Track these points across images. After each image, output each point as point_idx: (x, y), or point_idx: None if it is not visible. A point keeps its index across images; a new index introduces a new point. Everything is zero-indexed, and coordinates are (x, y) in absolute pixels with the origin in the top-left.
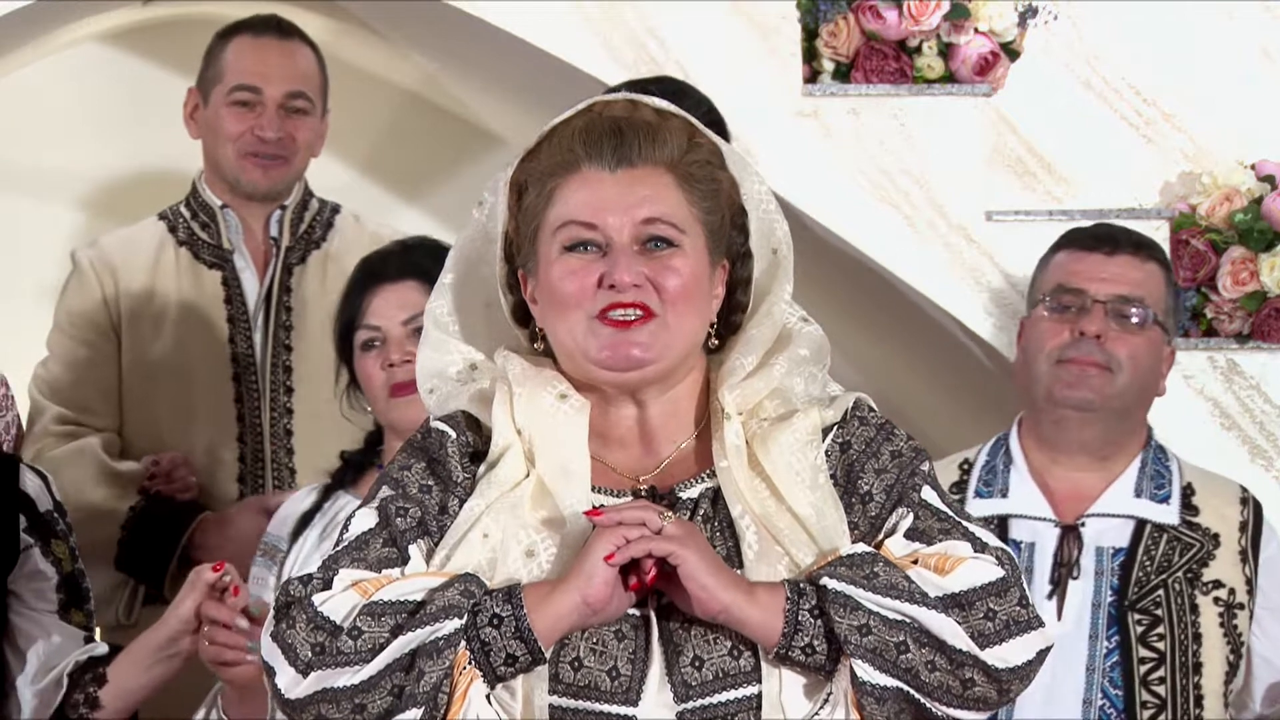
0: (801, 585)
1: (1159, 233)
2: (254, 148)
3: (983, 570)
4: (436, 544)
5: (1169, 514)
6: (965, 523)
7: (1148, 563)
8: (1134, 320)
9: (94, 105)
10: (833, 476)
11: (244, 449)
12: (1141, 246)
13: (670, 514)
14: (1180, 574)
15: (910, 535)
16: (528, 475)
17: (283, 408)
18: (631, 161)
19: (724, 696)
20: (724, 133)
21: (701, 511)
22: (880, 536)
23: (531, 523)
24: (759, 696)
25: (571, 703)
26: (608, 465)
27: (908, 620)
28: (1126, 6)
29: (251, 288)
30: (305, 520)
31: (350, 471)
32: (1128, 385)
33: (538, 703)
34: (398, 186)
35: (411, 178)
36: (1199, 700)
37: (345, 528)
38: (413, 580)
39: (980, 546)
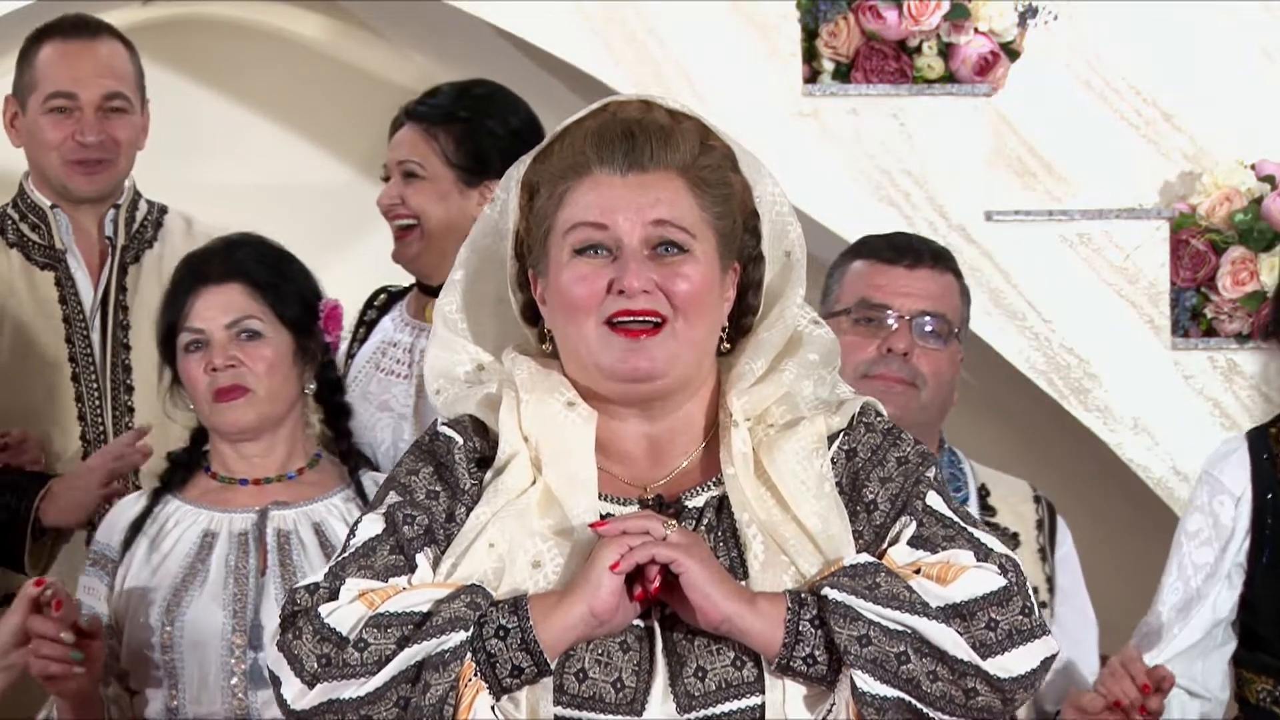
0: (803, 595)
1: (1159, 233)
2: (76, 154)
3: (984, 579)
4: (443, 552)
5: None
6: (970, 529)
7: None
8: (937, 336)
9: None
10: (838, 484)
11: (87, 449)
12: (939, 258)
13: (674, 523)
14: None
15: (914, 543)
16: (534, 483)
17: (124, 407)
18: (643, 165)
19: (727, 707)
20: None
21: (706, 520)
22: (884, 545)
23: (538, 532)
24: (762, 707)
25: (576, 714)
26: (614, 476)
27: (908, 631)
28: (1126, 6)
29: (86, 288)
30: (135, 528)
31: (178, 473)
32: (931, 400)
33: (543, 714)
34: None
35: None
36: None
37: (352, 533)
38: (419, 591)
39: (984, 554)
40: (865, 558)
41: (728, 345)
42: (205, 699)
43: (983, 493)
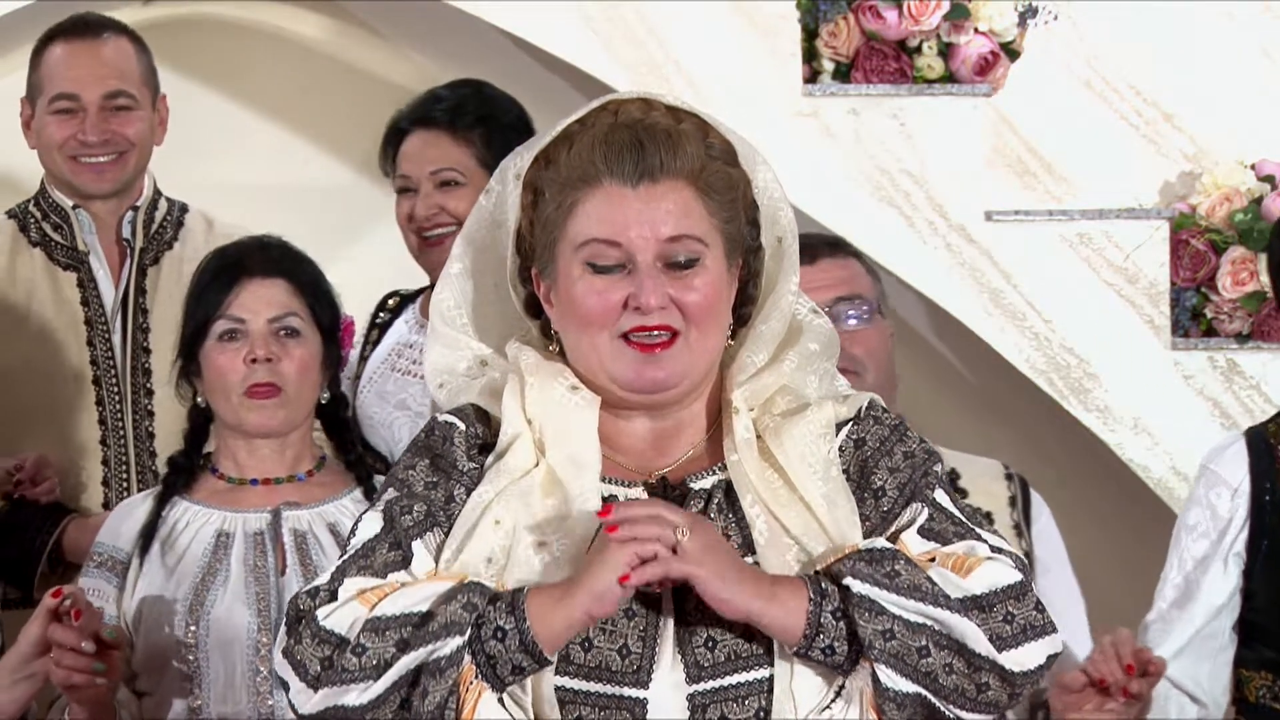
0: (824, 585)
1: (1159, 233)
2: (79, 152)
3: (1003, 572)
4: (447, 534)
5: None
6: (977, 528)
7: None
8: (858, 318)
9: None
10: (846, 471)
11: (107, 451)
12: (835, 245)
13: (685, 528)
14: None
15: (925, 534)
16: (537, 464)
17: (144, 410)
18: (653, 176)
19: (736, 679)
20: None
21: (715, 501)
22: (893, 529)
23: (542, 515)
24: (770, 679)
25: (582, 684)
26: (619, 463)
27: (930, 623)
28: (1126, 6)
29: (107, 290)
30: (148, 534)
31: (182, 476)
32: (875, 381)
33: (545, 690)
34: None
35: None
36: None
37: (353, 532)
38: (417, 589)
39: (995, 549)
40: (881, 543)
41: (730, 339)
42: (231, 698)
43: (953, 475)
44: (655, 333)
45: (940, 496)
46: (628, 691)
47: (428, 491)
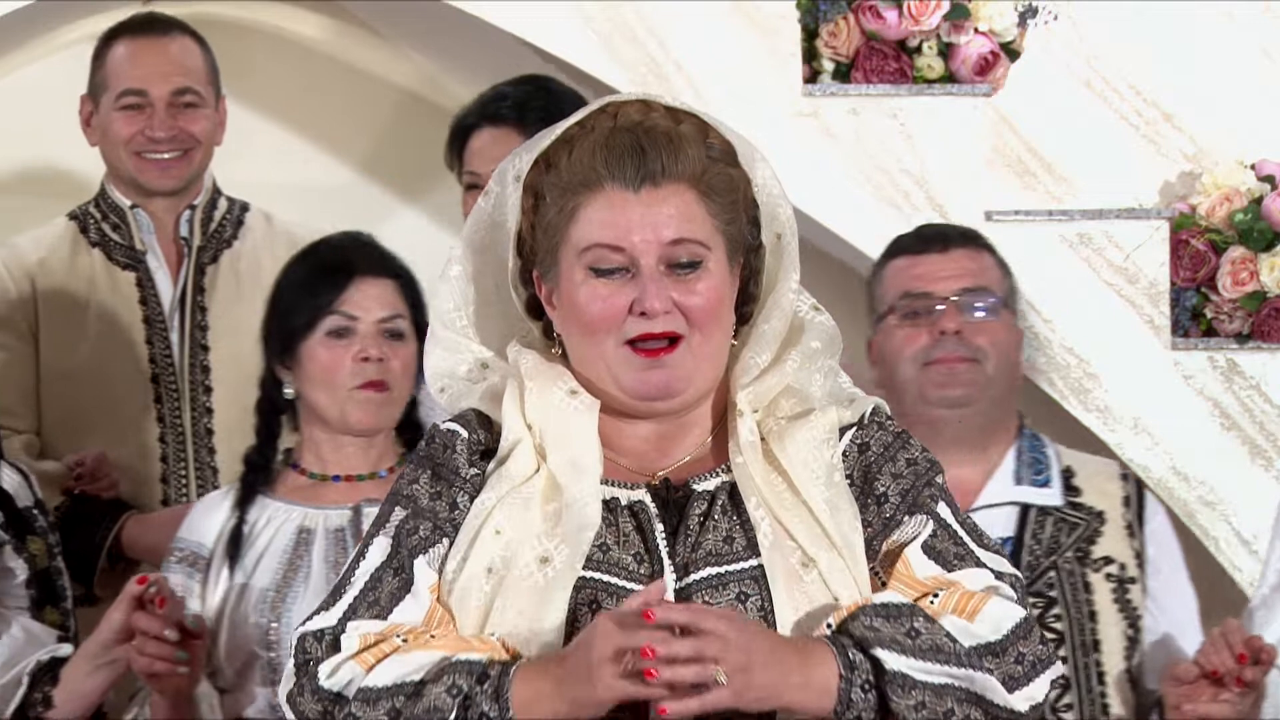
0: (852, 656)
1: (1159, 233)
2: (145, 148)
3: (1007, 611)
4: (452, 544)
5: (1052, 496)
6: (978, 548)
7: (1035, 546)
8: (985, 310)
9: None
10: (849, 476)
11: (166, 449)
12: (970, 238)
13: (722, 671)
14: (1070, 553)
15: (927, 551)
16: (538, 470)
17: (202, 408)
18: (655, 180)
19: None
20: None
21: (719, 503)
22: (894, 537)
23: (543, 526)
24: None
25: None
26: (622, 465)
27: (953, 682)
28: (1126, 6)
29: (165, 288)
30: (236, 536)
31: (261, 475)
32: (996, 373)
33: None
34: (397, 186)
35: (411, 178)
36: (1100, 677)
37: (361, 555)
38: (412, 656)
39: (996, 574)
40: (897, 597)
41: (733, 340)
42: None
43: (1067, 474)
44: (661, 339)
45: (943, 510)
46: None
47: (432, 504)
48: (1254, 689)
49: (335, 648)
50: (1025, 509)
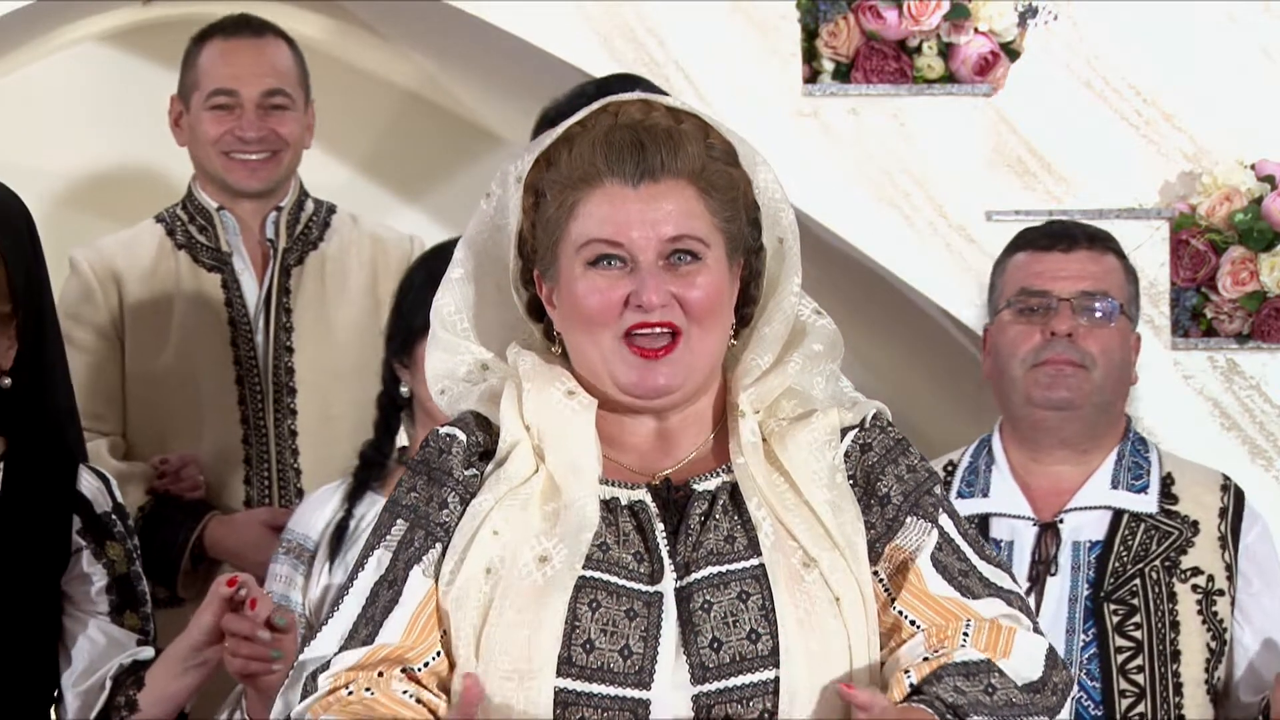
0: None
1: (1159, 233)
2: (235, 148)
3: (1036, 644)
4: (446, 545)
5: (1147, 503)
6: (980, 562)
7: (1124, 553)
8: (1101, 314)
9: (94, 105)
10: (851, 477)
11: (249, 450)
12: (1097, 239)
13: None
14: (1157, 562)
15: (935, 566)
16: (537, 471)
17: (286, 409)
18: (654, 176)
19: (742, 680)
20: None
21: (720, 503)
22: (898, 541)
23: (541, 527)
24: (776, 681)
25: (584, 686)
26: (622, 465)
27: None
28: (1126, 6)
29: (251, 290)
30: (340, 531)
31: (374, 470)
32: (1103, 380)
33: (542, 698)
34: (398, 186)
35: (411, 178)
36: (1178, 688)
37: (360, 567)
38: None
39: (1004, 598)
40: (973, 654)
41: (733, 340)
42: None
43: (1166, 481)
44: (657, 330)
45: (945, 523)
46: (630, 693)
47: (425, 509)
48: None
49: (324, 668)
50: (1119, 514)
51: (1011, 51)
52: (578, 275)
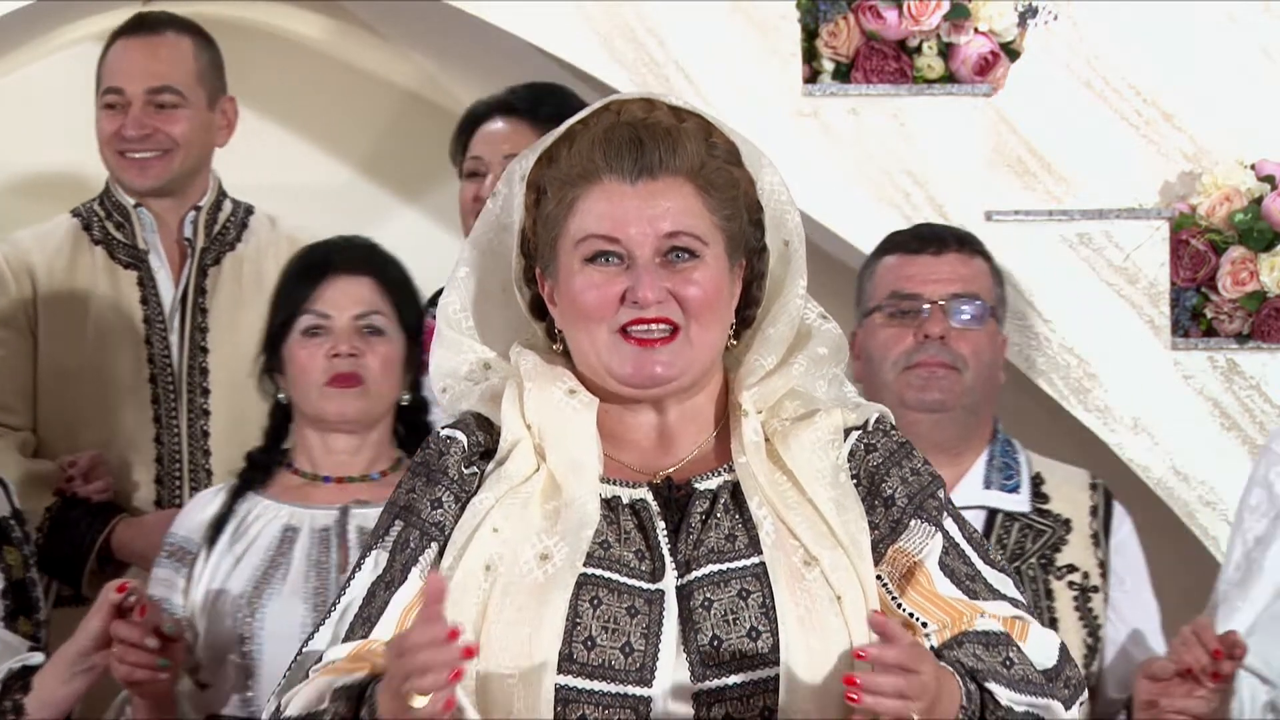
0: (969, 687)
1: (1159, 233)
2: (123, 146)
3: (1048, 637)
4: (445, 542)
5: (1019, 502)
6: (985, 568)
7: (1001, 551)
8: (971, 317)
9: (94, 105)
10: (855, 478)
11: (161, 450)
12: (965, 242)
13: (916, 708)
14: (1034, 560)
15: (942, 569)
16: (537, 469)
17: (199, 410)
18: (652, 173)
19: (742, 677)
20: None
21: (722, 502)
22: (902, 543)
23: (542, 525)
24: (776, 679)
25: (584, 683)
26: (623, 463)
27: (1036, 711)
28: (1126, 6)
29: (167, 289)
30: (217, 526)
31: (259, 473)
32: (974, 381)
33: (543, 695)
34: (397, 186)
35: (411, 178)
36: None
37: (358, 567)
38: (315, 684)
39: (1013, 603)
40: (993, 625)
41: (734, 341)
42: None
43: (1036, 481)
44: (653, 326)
45: (950, 526)
46: (631, 690)
47: (420, 508)
48: (1227, 683)
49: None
50: (993, 513)
51: (1011, 51)
52: (575, 271)
